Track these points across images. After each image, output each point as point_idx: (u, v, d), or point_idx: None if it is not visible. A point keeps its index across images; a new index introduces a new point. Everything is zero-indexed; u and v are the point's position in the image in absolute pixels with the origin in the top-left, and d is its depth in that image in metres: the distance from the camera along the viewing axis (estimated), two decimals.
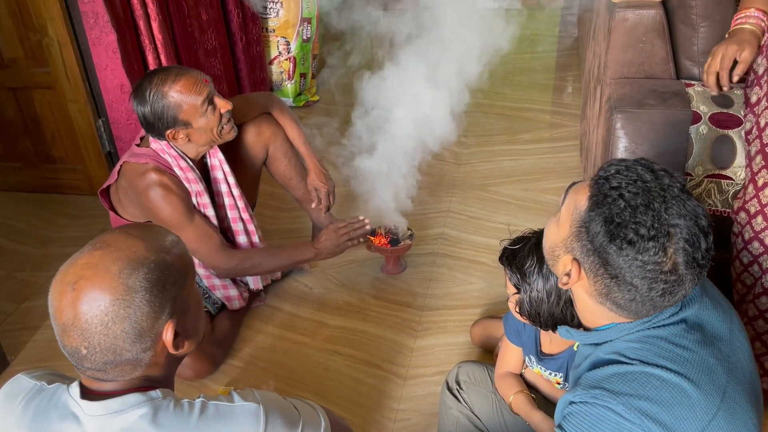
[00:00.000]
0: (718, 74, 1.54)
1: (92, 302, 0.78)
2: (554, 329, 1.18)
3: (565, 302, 1.15)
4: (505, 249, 1.24)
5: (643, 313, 0.86)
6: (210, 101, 1.68)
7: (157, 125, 1.66)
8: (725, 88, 1.55)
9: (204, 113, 1.67)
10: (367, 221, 2.01)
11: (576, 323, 1.08)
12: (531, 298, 1.17)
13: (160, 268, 0.82)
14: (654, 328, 0.87)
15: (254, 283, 2.00)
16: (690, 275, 0.82)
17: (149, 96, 1.62)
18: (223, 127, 1.73)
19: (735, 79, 1.52)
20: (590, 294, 0.89)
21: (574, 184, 0.93)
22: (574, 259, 0.88)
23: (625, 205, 0.82)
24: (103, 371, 0.82)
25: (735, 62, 1.53)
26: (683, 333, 0.86)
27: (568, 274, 0.89)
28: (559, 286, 0.94)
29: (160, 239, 0.86)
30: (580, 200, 0.88)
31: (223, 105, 1.70)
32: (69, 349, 0.81)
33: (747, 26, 1.52)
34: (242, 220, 1.94)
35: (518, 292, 1.20)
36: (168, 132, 1.67)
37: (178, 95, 1.63)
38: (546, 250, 0.97)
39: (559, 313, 1.15)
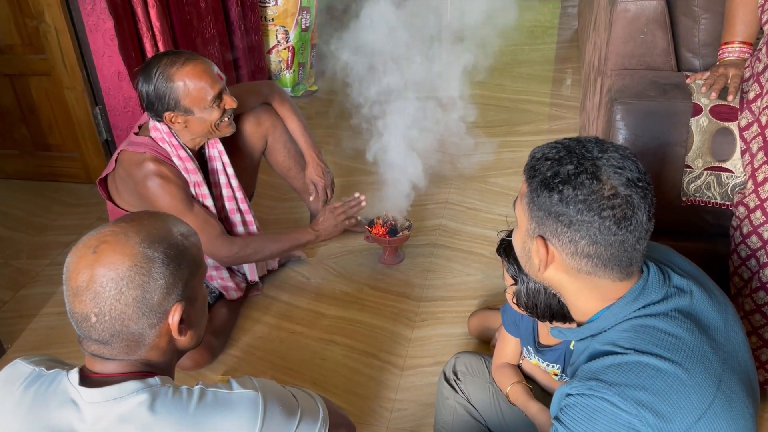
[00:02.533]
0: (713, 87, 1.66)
1: (111, 265, 0.80)
2: (551, 321, 1.18)
3: None
4: (502, 240, 1.24)
5: (619, 256, 0.86)
6: (219, 96, 1.69)
7: (157, 105, 1.65)
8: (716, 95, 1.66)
9: (210, 106, 1.67)
10: (362, 198, 2.02)
11: (571, 317, 1.08)
12: (528, 289, 1.17)
13: (178, 248, 0.86)
14: (647, 317, 0.87)
15: (251, 274, 1.99)
16: (635, 195, 0.84)
17: (155, 75, 1.62)
18: (222, 121, 1.73)
19: (730, 98, 1.60)
20: (567, 268, 0.89)
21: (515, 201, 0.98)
22: (538, 236, 0.89)
23: (552, 162, 0.87)
24: (108, 344, 0.83)
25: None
26: (677, 322, 0.86)
27: (540, 258, 0.90)
28: (540, 276, 0.93)
29: (181, 227, 0.90)
30: (521, 191, 0.93)
31: (230, 103, 1.71)
32: (78, 316, 0.82)
33: (731, 57, 1.67)
34: (240, 211, 1.93)
35: (515, 284, 1.20)
36: (166, 114, 1.66)
37: (185, 80, 1.63)
38: (520, 258, 0.98)
39: (555, 305, 1.15)
